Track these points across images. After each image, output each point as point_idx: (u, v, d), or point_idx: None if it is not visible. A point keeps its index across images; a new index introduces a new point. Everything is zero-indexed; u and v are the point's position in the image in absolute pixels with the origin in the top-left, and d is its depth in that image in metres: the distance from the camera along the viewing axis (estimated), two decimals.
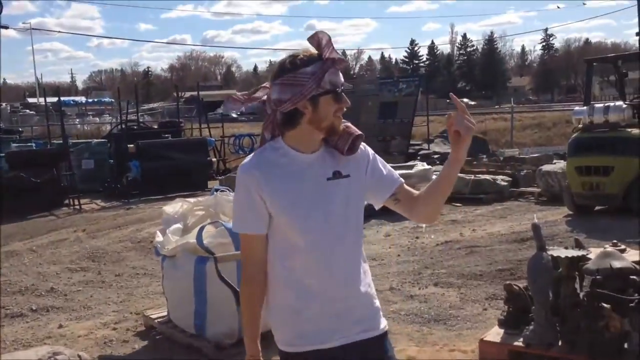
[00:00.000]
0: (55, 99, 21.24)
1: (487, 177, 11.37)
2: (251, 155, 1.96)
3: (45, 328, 5.33)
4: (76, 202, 12.36)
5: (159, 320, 4.97)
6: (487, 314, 5.02)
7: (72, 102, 46.24)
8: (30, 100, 53.17)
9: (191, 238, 4.54)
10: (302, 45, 1.91)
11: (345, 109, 1.89)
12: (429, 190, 1.95)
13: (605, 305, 3.39)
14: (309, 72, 1.82)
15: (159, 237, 4.84)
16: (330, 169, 1.91)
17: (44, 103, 19.71)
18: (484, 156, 15.18)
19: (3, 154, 13.26)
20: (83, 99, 54.51)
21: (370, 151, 2.01)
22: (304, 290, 1.89)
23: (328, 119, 1.86)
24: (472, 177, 11.30)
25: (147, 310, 5.39)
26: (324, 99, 1.84)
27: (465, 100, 68.76)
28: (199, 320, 4.49)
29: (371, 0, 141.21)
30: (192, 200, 5.26)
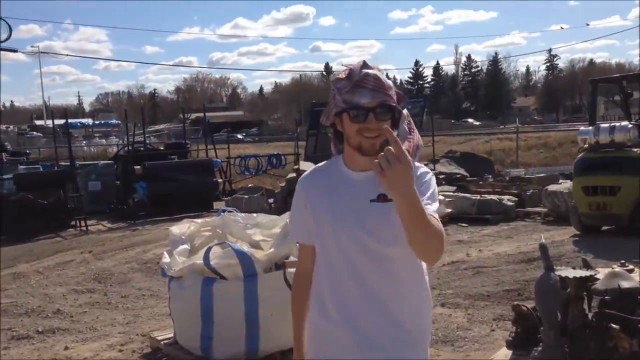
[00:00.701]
0: (62, 121, 21.43)
1: (493, 197, 11.36)
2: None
3: (52, 350, 5.32)
4: (83, 224, 12.38)
5: (165, 341, 4.95)
6: (494, 335, 4.99)
7: (79, 124, 46.60)
8: (38, 122, 53.60)
9: (198, 259, 4.54)
10: (308, 66, 1.92)
11: (371, 130, 1.78)
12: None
13: (614, 325, 3.37)
14: (335, 89, 1.86)
15: (166, 258, 4.84)
16: (376, 191, 1.80)
17: (51, 125, 19.86)
18: (490, 176, 15.18)
19: (11, 176, 13.33)
20: (90, 121, 54.89)
21: (423, 176, 1.87)
22: (324, 309, 1.90)
23: (353, 137, 1.83)
24: (478, 197, 11.30)
25: (154, 331, 5.38)
26: (344, 117, 1.84)
27: (470, 120, 68.90)
28: (206, 342, 4.47)
29: (376, 22, 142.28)
30: (199, 221, 5.28)
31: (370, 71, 1.84)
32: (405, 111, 1.94)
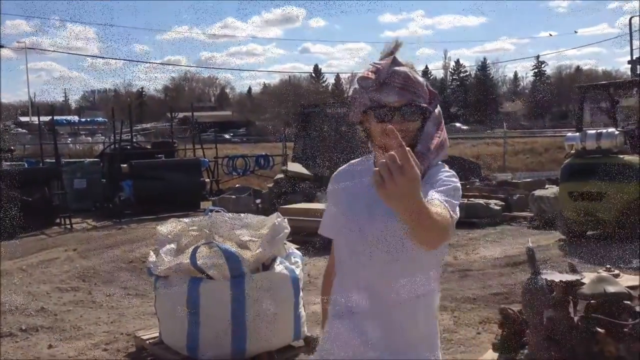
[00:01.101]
0: (48, 118, 21.28)
1: (480, 201, 11.41)
2: None
3: (35, 348, 5.27)
4: (68, 222, 12.28)
5: (150, 341, 4.92)
6: (481, 338, 5.00)
7: (64, 121, 46.15)
8: (23, 119, 53.11)
9: (185, 258, 4.51)
10: (296, 67, 1.85)
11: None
12: None
13: (599, 329, 3.39)
14: (361, 87, 1.79)
15: (152, 257, 4.81)
16: None
17: (36, 122, 19.67)
18: (477, 180, 15.24)
19: None
20: (76, 118, 54.40)
21: (442, 176, 1.77)
22: (336, 307, 1.86)
23: (377, 137, 1.76)
24: (466, 201, 11.34)
25: (139, 331, 5.34)
26: (370, 116, 1.77)
27: (458, 124, 69.13)
28: (192, 342, 4.45)
29: (366, 24, 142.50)
30: (186, 220, 5.24)
31: (399, 69, 1.76)
32: (437, 110, 1.85)
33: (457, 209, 1.71)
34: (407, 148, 1.33)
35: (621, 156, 8.75)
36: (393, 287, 1.77)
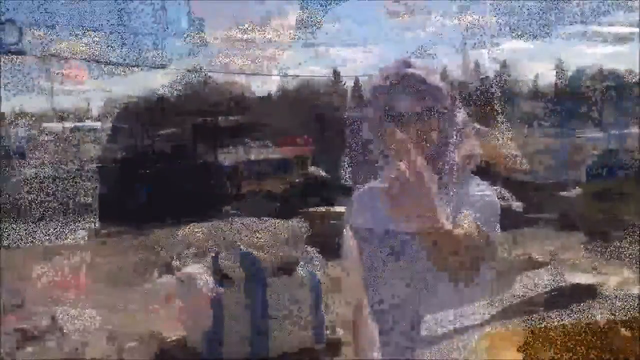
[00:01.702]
0: (71, 125, 21.54)
1: (502, 203, 11.31)
2: None
3: (61, 351, 5.33)
4: (89, 226, 12.40)
5: (174, 343, 4.96)
6: (506, 341, 4.95)
7: (85, 127, 46.63)
8: (46, 125, 53.74)
9: (206, 262, 4.55)
10: (314, 71, 1.69)
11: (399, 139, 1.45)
12: None
13: (624, 330, 3.36)
14: (372, 93, 1.66)
15: (174, 261, 4.86)
16: None
17: (58, 129, 19.94)
18: (498, 182, 15.14)
19: (20, 179, 13.38)
20: (98, 124, 55.03)
21: (469, 188, 1.66)
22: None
23: (391, 148, 1.52)
24: None
25: (162, 333, 5.37)
26: (383, 124, 1.58)
27: (477, 125, 68.89)
28: (215, 343, 4.48)
29: (381, 25, 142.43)
30: (206, 224, 5.28)
31: (413, 71, 1.60)
32: (461, 115, 1.68)
33: (497, 225, 1.58)
34: (422, 161, 1.21)
35: None
36: (422, 321, 1.59)
